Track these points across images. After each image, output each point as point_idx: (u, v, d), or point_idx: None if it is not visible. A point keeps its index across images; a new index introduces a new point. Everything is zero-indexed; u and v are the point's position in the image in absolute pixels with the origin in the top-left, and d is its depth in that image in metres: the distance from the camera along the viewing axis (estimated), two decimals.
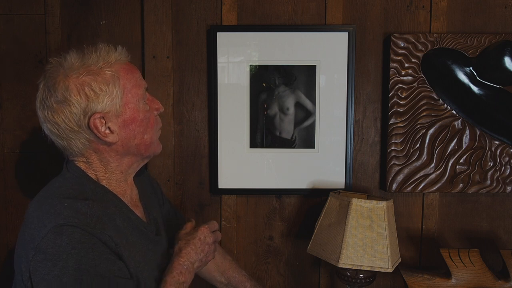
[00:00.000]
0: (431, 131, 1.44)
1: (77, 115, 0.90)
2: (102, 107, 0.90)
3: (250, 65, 1.45)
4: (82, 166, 0.97)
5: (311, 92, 1.46)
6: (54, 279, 0.80)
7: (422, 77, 1.42)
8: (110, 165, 0.98)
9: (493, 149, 1.44)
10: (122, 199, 0.99)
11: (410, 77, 1.43)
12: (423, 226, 1.51)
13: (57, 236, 0.81)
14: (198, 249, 1.02)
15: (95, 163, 0.97)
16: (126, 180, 1.03)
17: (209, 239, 1.05)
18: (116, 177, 0.99)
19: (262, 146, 1.47)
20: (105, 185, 0.97)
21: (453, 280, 1.32)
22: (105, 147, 0.95)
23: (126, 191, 1.02)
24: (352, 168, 1.47)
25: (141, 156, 1.02)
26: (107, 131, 0.93)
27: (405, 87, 1.43)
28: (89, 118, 0.90)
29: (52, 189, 0.94)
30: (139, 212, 1.05)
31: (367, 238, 1.20)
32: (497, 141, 1.44)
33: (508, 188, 1.45)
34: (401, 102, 1.43)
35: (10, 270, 1.48)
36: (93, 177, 0.97)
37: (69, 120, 0.90)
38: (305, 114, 1.46)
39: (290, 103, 1.46)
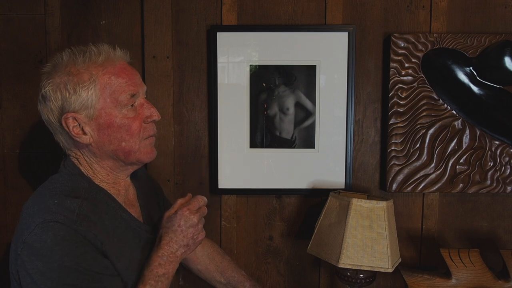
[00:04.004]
0: (431, 131, 1.44)
1: (55, 112, 0.94)
2: (74, 107, 0.92)
3: (250, 65, 1.45)
4: (75, 161, 0.99)
5: (311, 92, 1.46)
6: (38, 274, 0.82)
7: (422, 77, 1.42)
8: (93, 165, 0.99)
9: (493, 149, 1.44)
10: (116, 198, 1.00)
11: (410, 77, 1.42)
12: (423, 226, 1.51)
13: (43, 232, 0.83)
14: (179, 236, 0.97)
15: (82, 160, 0.99)
16: (119, 181, 1.03)
17: (192, 221, 0.98)
18: (105, 177, 1.00)
19: (262, 146, 1.47)
20: (98, 184, 0.98)
21: (453, 280, 1.32)
22: (84, 146, 0.97)
23: (120, 191, 1.03)
24: (352, 168, 1.47)
25: (123, 162, 0.99)
26: (80, 131, 0.94)
27: (405, 87, 1.43)
28: (62, 116, 0.93)
29: (47, 185, 0.96)
30: (134, 211, 1.05)
31: (367, 238, 1.20)
32: (497, 141, 1.44)
33: (508, 188, 1.45)
34: (401, 102, 1.43)
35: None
36: (86, 174, 0.98)
37: (51, 115, 0.95)
38: (305, 114, 1.46)
39: (290, 103, 1.46)
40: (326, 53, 1.44)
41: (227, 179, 1.48)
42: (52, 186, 0.95)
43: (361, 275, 1.28)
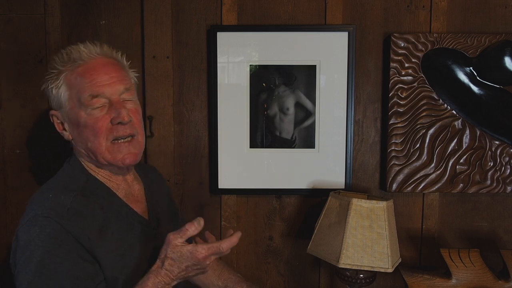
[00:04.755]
0: (431, 131, 1.44)
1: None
2: (54, 105, 0.98)
3: (250, 65, 1.45)
4: (77, 155, 1.02)
5: (311, 92, 1.46)
6: (21, 266, 0.86)
7: (422, 77, 1.42)
8: (81, 158, 1.01)
9: (493, 149, 1.44)
10: (115, 192, 1.01)
11: (410, 77, 1.42)
12: (423, 226, 1.51)
13: (31, 226, 0.86)
14: (182, 273, 0.89)
15: (79, 153, 1.01)
16: (115, 176, 1.03)
17: (202, 265, 0.89)
18: (97, 169, 1.01)
19: (262, 146, 1.47)
20: (96, 176, 1.00)
21: (453, 280, 1.32)
22: (72, 143, 1.01)
23: (120, 185, 1.03)
24: (352, 168, 1.47)
25: (98, 162, 0.98)
26: (62, 128, 1.00)
27: (405, 87, 1.43)
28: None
29: (50, 181, 0.99)
30: (138, 207, 1.05)
31: (367, 238, 1.20)
32: (497, 141, 1.44)
33: (508, 188, 1.45)
34: (401, 102, 1.43)
35: (11, 270, 1.48)
36: (86, 168, 1.00)
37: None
38: (305, 114, 1.46)
39: (290, 103, 1.46)
40: (326, 53, 1.44)
41: (227, 179, 1.48)
42: (53, 181, 0.98)
43: (361, 275, 1.28)
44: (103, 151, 0.95)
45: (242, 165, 1.48)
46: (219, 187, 1.48)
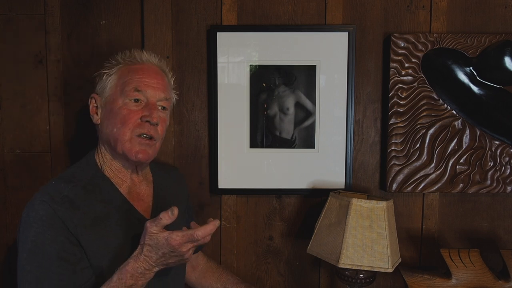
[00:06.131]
0: (431, 131, 1.44)
1: None
2: (97, 90, 1.09)
3: (250, 65, 1.45)
4: (96, 151, 1.10)
5: (311, 92, 1.46)
6: (20, 243, 0.94)
7: (422, 77, 1.42)
8: (101, 148, 1.09)
9: (493, 149, 1.44)
10: (119, 188, 1.06)
11: (410, 77, 1.42)
12: (423, 226, 1.51)
13: (30, 209, 0.94)
14: (161, 260, 0.92)
15: (99, 146, 1.10)
16: (123, 171, 1.08)
17: (178, 252, 0.90)
18: (109, 161, 1.07)
19: (262, 146, 1.47)
20: (104, 172, 1.06)
21: (453, 280, 1.32)
22: (98, 128, 1.09)
23: (124, 182, 1.08)
24: (352, 168, 1.47)
25: (114, 150, 1.05)
26: (95, 111, 1.09)
27: (405, 87, 1.43)
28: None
29: (65, 171, 1.08)
30: (141, 205, 1.09)
31: (367, 238, 1.20)
32: (497, 141, 1.44)
33: (508, 188, 1.45)
34: (401, 102, 1.43)
35: (11, 270, 1.48)
36: (98, 165, 1.07)
37: None
38: (305, 114, 1.46)
39: (290, 103, 1.46)
40: (326, 53, 1.44)
41: (227, 179, 1.48)
42: (66, 172, 1.06)
43: (361, 275, 1.28)
44: (125, 140, 1.03)
45: (242, 165, 1.48)
46: (219, 187, 1.48)
